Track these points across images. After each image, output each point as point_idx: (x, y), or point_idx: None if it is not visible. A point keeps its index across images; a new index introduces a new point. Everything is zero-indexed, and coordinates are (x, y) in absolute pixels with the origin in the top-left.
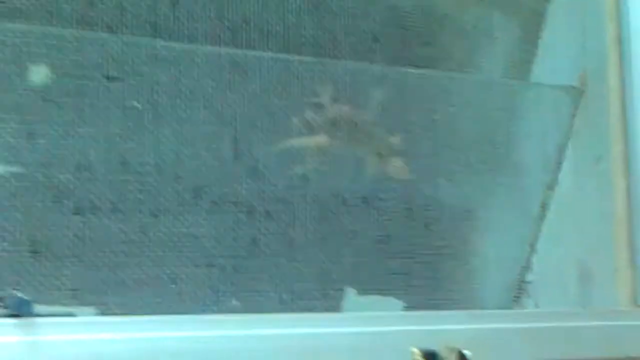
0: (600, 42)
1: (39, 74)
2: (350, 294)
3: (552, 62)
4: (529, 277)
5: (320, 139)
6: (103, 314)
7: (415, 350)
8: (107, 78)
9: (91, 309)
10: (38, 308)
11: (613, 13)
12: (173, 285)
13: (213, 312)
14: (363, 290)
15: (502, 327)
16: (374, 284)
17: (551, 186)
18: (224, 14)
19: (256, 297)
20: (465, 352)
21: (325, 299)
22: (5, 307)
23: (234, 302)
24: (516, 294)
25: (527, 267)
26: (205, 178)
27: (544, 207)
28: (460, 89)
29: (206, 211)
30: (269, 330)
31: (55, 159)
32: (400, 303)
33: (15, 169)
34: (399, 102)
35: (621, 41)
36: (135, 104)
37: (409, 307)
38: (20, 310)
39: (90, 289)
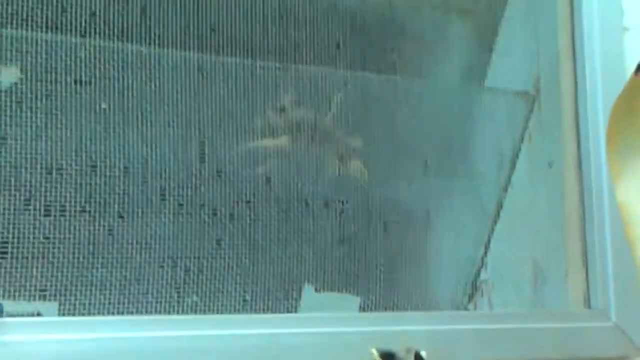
0: (554, 48)
1: (10, 76)
2: (309, 290)
3: (507, 68)
4: (483, 275)
5: (282, 141)
6: (69, 313)
7: (374, 351)
8: (78, 82)
9: (56, 306)
10: (6, 307)
11: (566, 20)
12: (138, 286)
13: (176, 311)
14: (322, 288)
15: (458, 328)
16: (333, 285)
17: (505, 188)
18: (192, 21)
19: (220, 297)
20: (422, 352)
21: (286, 299)
22: None
23: (195, 298)
24: (470, 293)
25: (481, 267)
26: (172, 180)
27: (498, 208)
28: (418, 93)
29: (172, 213)
30: (229, 330)
31: (26, 161)
32: (357, 299)
33: None
34: (359, 106)
35: (574, 48)
36: (103, 105)
37: (366, 305)
38: None
39: (57, 289)
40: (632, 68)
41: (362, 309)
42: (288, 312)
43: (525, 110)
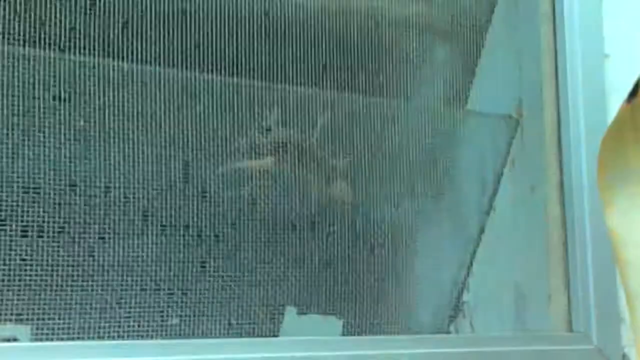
0: (536, 73)
1: None
2: (291, 312)
3: (490, 92)
4: (465, 297)
5: (267, 162)
6: (47, 338)
7: None
8: (57, 98)
9: (33, 330)
10: None
11: (549, 46)
12: (120, 309)
13: (159, 335)
14: (304, 310)
15: (441, 352)
16: (316, 307)
17: (487, 211)
18: (175, 37)
19: (204, 321)
20: None
21: (272, 322)
22: None
23: (174, 320)
24: (452, 314)
25: (463, 289)
26: (155, 201)
27: (481, 231)
28: (403, 115)
29: (155, 234)
30: (212, 355)
31: (2, 179)
32: (339, 322)
33: None
34: (344, 127)
35: (557, 73)
36: (82, 122)
37: (349, 327)
38: None
39: (35, 313)
40: (613, 93)
41: (347, 331)
42: (272, 334)
43: (507, 134)
